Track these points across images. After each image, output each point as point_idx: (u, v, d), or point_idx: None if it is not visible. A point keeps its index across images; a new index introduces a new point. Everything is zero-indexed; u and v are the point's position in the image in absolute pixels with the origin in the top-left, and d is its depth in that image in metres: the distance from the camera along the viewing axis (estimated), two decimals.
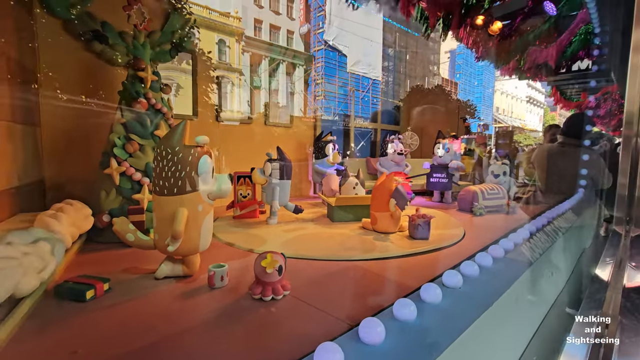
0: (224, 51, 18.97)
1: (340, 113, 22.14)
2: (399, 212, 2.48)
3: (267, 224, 2.87)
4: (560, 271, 2.63)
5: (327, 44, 22.79)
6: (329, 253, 2.07)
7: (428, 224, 2.34)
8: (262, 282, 1.43)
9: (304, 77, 22.65)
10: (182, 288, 1.56)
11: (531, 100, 33.08)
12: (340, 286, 1.64)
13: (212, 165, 1.64)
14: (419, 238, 2.34)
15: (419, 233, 2.34)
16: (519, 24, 6.37)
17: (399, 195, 2.38)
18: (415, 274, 1.84)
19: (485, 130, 19.13)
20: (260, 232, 2.62)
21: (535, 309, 1.91)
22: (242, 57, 19.99)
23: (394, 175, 4.43)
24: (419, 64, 27.47)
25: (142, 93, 2.46)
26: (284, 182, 2.93)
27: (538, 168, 4.35)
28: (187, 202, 1.56)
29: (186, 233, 1.57)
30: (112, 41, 2.70)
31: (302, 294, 1.49)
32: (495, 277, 1.61)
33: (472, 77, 31.80)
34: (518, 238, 2.15)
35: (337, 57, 23.28)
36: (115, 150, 2.27)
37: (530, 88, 32.35)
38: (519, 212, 3.48)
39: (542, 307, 1.96)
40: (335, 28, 22.75)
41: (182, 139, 1.57)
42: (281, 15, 22.98)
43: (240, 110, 17.68)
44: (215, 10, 18.54)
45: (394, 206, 2.41)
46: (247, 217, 3.13)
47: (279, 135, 4.25)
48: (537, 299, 1.93)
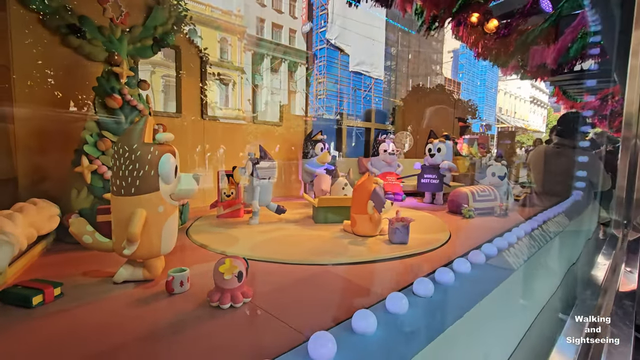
0: (226, 49, 18.93)
1: (341, 112, 22.01)
2: (379, 215, 2.38)
3: (248, 224, 2.81)
4: (552, 276, 2.54)
5: (329, 43, 22.67)
6: (300, 257, 1.99)
7: (407, 228, 2.23)
8: (221, 288, 1.35)
9: (306, 75, 22.57)
10: (139, 293, 1.48)
11: (535, 101, 32.78)
12: (305, 293, 1.55)
13: (175, 164, 1.56)
14: (397, 242, 2.24)
15: (397, 237, 2.24)
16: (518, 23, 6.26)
17: (376, 197, 2.28)
18: (385, 282, 1.75)
19: (488, 131, 18.98)
20: (237, 233, 2.54)
21: (518, 319, 1.82)
22: (244, 56, 19.93)
23: (388, 174, 4.35)
24: (422, 63, 27.28)
25: (117, 89, 2.38)
26: (266, 181, 2.85)
27: (533, 169, 4.24)
28: (146, 203, 1.48)
29: (145, 236, 1.49)
30: (90, 36, 2.63)
31: (264, 301, 1.41)
32: (473, 285, 1.52)
33: (475, 77, 31.52)
34: (503, 242, 2.06)
35: (339, 56, 23.15)
36: (87, 147, 2.20)
37: (534, 88, 32.04)
38: (512, 214, 3.38)
39: (526, 316, 1.87)
40: (337, 27, 22.62)
41: (142, 136, 1.49)
42: (283, 14, 22.89)
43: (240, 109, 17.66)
44: (217, 8, 18.49)
45: (372, 208, 2.31)
46: (231, 217, 3.07)
47: (268, 133, 4.16)
48: (520, 306, 1.84)
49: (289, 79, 21.94)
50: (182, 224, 2.69)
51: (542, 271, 2.23)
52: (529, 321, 1.83)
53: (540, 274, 2.17)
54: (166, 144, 1.58)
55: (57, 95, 2.53)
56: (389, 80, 25.65)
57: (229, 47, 18.95)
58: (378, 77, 24.61)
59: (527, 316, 1.86)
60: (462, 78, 30.99)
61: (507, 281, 1.61)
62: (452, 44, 29.41)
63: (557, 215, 3.02)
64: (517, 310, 1.79)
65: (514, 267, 1.74)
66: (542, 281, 2.26)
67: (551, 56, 6.56)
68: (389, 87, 25.39)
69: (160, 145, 1.54)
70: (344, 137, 4.93)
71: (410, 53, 26.67)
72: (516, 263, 1.79)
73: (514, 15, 5.76)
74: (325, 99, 22.47)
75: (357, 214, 2.42)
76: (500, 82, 31.51)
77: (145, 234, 1.48)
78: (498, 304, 1.52)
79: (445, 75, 29.38)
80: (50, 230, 1.91)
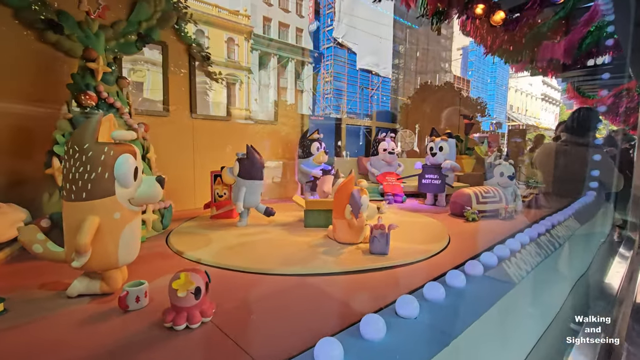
0: (233, 49, 18.90)
1: (348, 111, 21.83)
2: (361, 221, 2.16)
3: (236, 226, 2.71)
4: (560, 286, 2.33)
5: (336, 42, 22.48)
6: (270, 265, 1.84)
7: (385, 236, 1.99)
8: (176, 307, 1.20)
9: (313, 75, 22.43)
10: (93, 310, 1.34)
11: (546, 98, 32.00)
12: (271, 311, 1.38)
13: (134, 166, 1.41)
14: (375, 253, 2.01)
15: (375, 247, 2.01)
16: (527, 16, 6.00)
17: (353, 201, 2.07)
18: (355, 298, 1.55)
19: (498, 129, 18.55)
20: (219, 236, 2.43)
21: (519, 340, 1.62)
22: (251, 55, 19.87)
23: (388, 174, 4.16)
24: (431, 61, 26.87)
25: (92, 86, 2.25)
26: (252, 182, 2.70)
27: (541, 169, 4.00)
28: (100, 209, 1.34)
29: (99, 245, 1.35)
30: (68, 31, 2.50)
31: (225, 320, 1.25)
32: (467, 303, 1.34)
33: (485, 75, 30.94)
34: (505, 251, 1.86)
35: (346, 55, 22.95)
36: (57, 148, 2.07)
37: (545, 85, 31.27)
38: (518, 217, 3.16)
39: (529, 336, 1.67)
40: (344, 25, 22.42)
41: (95, 134, 1.35)
42: (290, 13, 22.77)
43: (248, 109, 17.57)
44: (224, 9, 18.46)
45: (349, 213, 2.09)
46: (223, 217, 2.97)
47: (263, 132, 4.01)
48: (523, 325, 1.65)
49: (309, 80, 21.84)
50: (164, 228, 2.56)
51: (549, 281, 2.03)
52: (531, 343, 1.62)
53: (546, 285, 1.97)
54: (125, 144, 1.43)
55: (32, 93, 2.41)
56: (397, 78, 25.33)
57: (236, 47, 18.93)
58: (386, 75, 24.33)
59: (530, 337, 1.66)
60: (471, 75, 30.47)
61: (507, 296, 1.42)
62: (462, 41, 28.93)
63: (567, 219, 2.80)
64: (518, 330, 1.59)
65: (515, 280, 1.54)
66: (549, 293, 2.05)
67: (562, 50, 6.27)
68: (396, 86, 25.08)
69: (118, 144, 1.39)
70: (343, 136, 4.75)
71: (418, 51, 26.31)
72: (518, 275, 1.60)
73: (522, 8, 5.51)
74: (332, 97, 22.29)
75: (336, 219, 2.23)
76: (510, 80, 30.88)
77: (98, 243, 1.34)
78: (495, 325, 1.34)
79: (454, 73, 28.89)
80: (12, 237, 1.78)
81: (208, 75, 3.48)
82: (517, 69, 8.01)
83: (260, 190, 2.80)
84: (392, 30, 24.19)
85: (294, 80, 21.65)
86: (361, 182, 2.18)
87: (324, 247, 2.16)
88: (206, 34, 17.80)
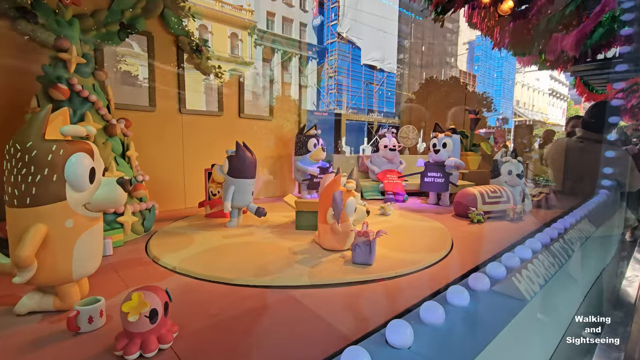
0: (237, 44, 18.75)
1: (353, 107, 21.60)
2: (346, 226, 1.94)
3: (225, 226, 2.59)
4: (574, 294, 2.13)
5: (341, 37, 22.20)
6: (240, 275, 1.66)
7: (368, 245, 1.76)
8: (129, 332, 1.02)
9: (317, 70, 22.20)
10: (40, 330, 1.17)
11: (554, 93, 31.38)
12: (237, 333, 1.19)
13: (90, 167, 1.23)
14: (358, 263, 1.79)
15: (357, 256, 1.78)
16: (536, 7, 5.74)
17: (334, 204, 1.87)
18: (348, 319, 1.36)
19: (505, 125, 18.21)
20: (202, 238, 2.29)
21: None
22: (255, 51, 19.71)
23: (389, 172, 3.96)
24: (436, 56, 26.43)
25: (64, 78, 2.08)
26: (241, 181, 2.53)
27: (552, 166, 3.78)
28: (47, 216, 1.17)
29: (48, 257, 1.18)
30: (43, 20, 2.33)
31: (189, 347, 1.08)
32: (472, 327, 1.15)
33: (491, 70, 30.41)
34: (514, 260, 1.67)
35: (350, 50, 22.67)
36: None
37: (553, 80, 30.65)
38: (527, 218, 2.95)
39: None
40: (349, 20, 22.13)
41: (41, 131, 1.17)
42: (294, 8, 22.51)
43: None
44: (227, 4, 18.29)
45: (331, 217, 1.89)
46: (218, 216, 2.86)
47: (256, 128, 3.83)
48: (533, 348, 1.45)
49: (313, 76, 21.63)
50: (146, 231, 2.39)
51: (562, 292, 1.83)
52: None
53: (559, 296, 1.77)
54: (80, 141, 1.25)
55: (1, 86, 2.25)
56: (402, 73, 24.99)
57: (239, 42, 18.78)
58: (390, 70, 24.02)
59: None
60: (477, 70, 29.99)
61: (518, 317, 1.23)
62: (468, 35, 28.43)
63: (579, 221, 2.59)
64: (528, 351, 1.40)
65: (527, 296, 1.35)
66: (562, 305, 1.85)
67: (572, 43, 6.00)
68: (401, 81, 24.74)
69: (70, 142, 1.22)
70: (343, 132, 4.55)
71: (423, 45, 25.90)
72: (530, 290, 1.40)
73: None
74: (336, 93, 22.05)
75: (321, 224, 2.03)
76: (517, 74, 30.34)
77: (47, 255, 1.17)
78: (505, 352, 1.15)
79: (460, 67, 28.44)
80: None
81: (198, 68, 3.30)
82: (524, 63, 7.75)
83: (250, 190, 2.64)
84: (398, 25, 23.83)
85: (297, 75, 21.46)
86: (350, 182, 1.98)
87: (305, 254, 1.96)
88: (209, 29, 17.68)
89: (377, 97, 22.84)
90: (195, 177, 3.33)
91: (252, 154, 2.67)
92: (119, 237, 2.09)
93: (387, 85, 23.61)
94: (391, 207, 3.12)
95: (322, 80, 22.65)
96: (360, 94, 22.27)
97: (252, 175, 2.62)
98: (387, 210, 3.04)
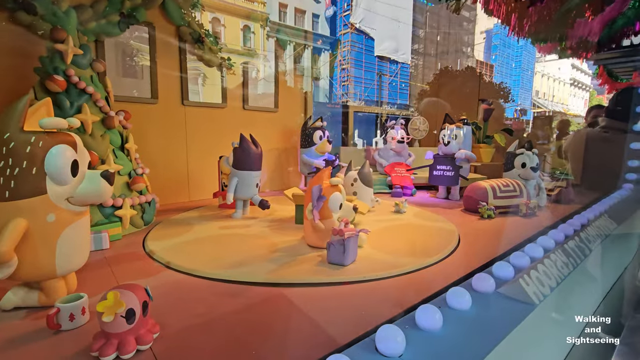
0: (249, 37, 18.69)
1: (366, 99, 21.32)
2: (330, 223, 1.82)
3: (231, 217, 2.63)
4: (591, 296, 2.00)
5: (354, 27, 21.86)
6: (221, 269, 1.62)
7: (342, 244, 1.63)
8: (105, 333, 0.98)
9: (330, 61, 21.97)
10: (23, 327, 1.15)
11: (576, 83, 30.17)
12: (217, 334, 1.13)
13: (72, 159, 1.19)
14: (331, 262, 1.67)
15: (330, 256, 1.67)
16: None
17: (312, 198, 1.76)
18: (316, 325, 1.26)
19: (523, 116, 17.64)
20: (200, 229, 2.31)
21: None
22: (267, 43, 19.62)
23: (397, 165, 3.84)
24: (452, 45, 25.75)
25: (61, 70, 2.06)
26: (245, 173, 2.54)
27: (572, 158, 3.59)
28: (27, 211, 1.13)
29: (29, 252, 1.15)
30: (42, 11, 2.30)
31: (167, 347, 1.03)
32: (473, 335, 1.06)
33: (509, 59, 29.45)
34: (523, 259, 1.56)
35: (363, 41, 22.30)
36: None
37: (575, 69, 29.43)
38: (542, 214, 2.80)
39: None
40: (362, 10, 21.73)
41: (19, 122, 1.13)
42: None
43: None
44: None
45: (310, 212, 1.78)
46: (232, 207, 2.79)
47: (262, 120, 3.76)
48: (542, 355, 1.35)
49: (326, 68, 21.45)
50: (146, 224, 2.37)
51: (577, 295, 1.71)
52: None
53: (573, 299, 1.65)
54: (62, 133, 1.21)
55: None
56: (416, 64, 24.46)
57: (252, 34, 18.70)
58: (404, 61, 23.56)
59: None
60: (495, 60, 29.10)
61: (524, 323, 1.13)
62: (485, 24, 27.57)
63: (598, 217, 2.43)
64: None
65: (535, 300, 1.24)
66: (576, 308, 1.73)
67: (595, 29, 5.68)
68: (415, 72, 24.24)
69: (51, 134, 1.17)
70: (350, 124, 4.44)
71: (439, 35, 25.26)
72: (539, 293, 1.30)
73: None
74: (348, 85, 21.80)
75: (305, 219, 1.93)
76: (537, 64, 29.30)
77: (27, 250, 1.14)
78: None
79: (477, 57, 27.65)
80: None
81: (201, 59, 3.24)
82: (544, 51, 7.41)
83: (255, 182, 2.63)
84: (412, 14, 23.28)
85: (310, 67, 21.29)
86: (338, 176, 1.88)
87: (284, 251, 1.87)
88: (222, 22, 17.66)
89: (389, 89, 22.46)
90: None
91: (258, 147, 2.65)
92: (116, 231, 2.07)
93: (402, 77, 23.19)
94: (406, 205, 2.88)
95: (334, 73, 22.41)
96: (373, 85, 21.95)
97: (256, 168, 2.60)
98: (401, 208, 2.81)
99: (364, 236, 1.89)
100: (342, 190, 1.85)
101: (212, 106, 3.41)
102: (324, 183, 1.79)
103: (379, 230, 2.29)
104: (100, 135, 2.16)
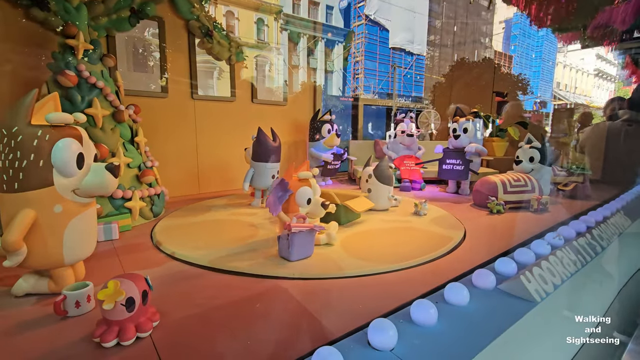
0: (262, 30, 18.68)
1: (380, 92, 21.07)
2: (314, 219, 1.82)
3: (250, 205, 2.79)
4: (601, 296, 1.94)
5: (368, 19, 21.53)
6: (209, 258, 1.67)
7: (287, 239, 1.60)
8: (107, 320, 1.02)
9: (343, 54, 21.75)
10: (33, 313, 1.20)
11: (600, 74, 28.98)
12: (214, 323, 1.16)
13: (77, 152, 1.23)
14: (281, 256, 1.67)
15: (279, 249, 1.67)
16: None
17: (271, 191, 1.74)
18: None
19: (543, 109, 17.11)
20: (211, 215, 2.46)
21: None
22: (281, 36, 19.58)
23: (407, 158, 3.80)
24: (469, 36, 25.08)
25: (72, 65, 2.11)
26: (261, 164, 2.67)
27: (590, 152, 3.47)
28: (35, 202, 1.17)
29: (38, 242, 1.19)
30: (55, 7, 2.35)
31: (166, 335, 1.06)
32: (468, 329, 1.05)
33: (529, 50, 28.49)
34: (527, 255, 1.53)
35: (378, 33, 21.96)
36: None
37: (600, 60, 28.24)
38: (554, 210, 2.73)
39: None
40: (376, 0, 21.38)
41: (27, 116, 1.17)
42: None
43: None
44: None
45: (269, 205, 1.74)
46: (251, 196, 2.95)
47: (271, 114, 3.77)
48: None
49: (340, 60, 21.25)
50: (155, 216, 2.43)
51: (586, 294, 1.66)
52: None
53: (582, 299, 1.61)
54: (67, 127, 1.24)
55: (18, 74, 2.31)
56: (432, 56, 23.94)
57: (265, 27, 18.67)
58: (420, 53, 23.10)
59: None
60: (514, 51, 28.21)
61: (522, 321, 1.12)
62: (504, 14, 26.73)
63: (614, 213, 2.35)
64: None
65: (537, 298, 1.22)
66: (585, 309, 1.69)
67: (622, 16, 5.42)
68: (431, 64, 23.74)
69: (57, 128, 1.21)
70: (360, 118, 4.41)
71: (456, 25, 24.62)
72: (541, 290, 1.27)
73: None
74: (362, 77, 21.56)
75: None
76: (559, 55, 28.25)
77: (36, 240, 1.19)
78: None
79: (495, 48, 26.85)
80: None
81: (210, 52, 3.27)
82: (566, 40, 7.12)
83: (271, 174, 2.73)
84: (428, 4, 22.74)
85: (323, 59, 21.12)
86: (312, 170, 1.84)
87: (259, 241, 1.93)
88: (236, 15, 17.68)
89: (403, 81, 22.09)
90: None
91: (276, 140, 2.76)
92: (126, 222, 2.12)
93: (417, 69, 22.76)
94: (426, 207, 2.54)
95: (347, 65, 22.17)
96: (387, 78, 21.63)
97: (273, 160, 2.70)
98: (420, 210, 2.49)
99: (333, 233, 1.87)
100: (313, 185, 1.83)
101: (222, 100, 3.43)
102: (292, 177, 1.78)
103: (372, 231, 2.18)
104: (111, 129, 2.21)
